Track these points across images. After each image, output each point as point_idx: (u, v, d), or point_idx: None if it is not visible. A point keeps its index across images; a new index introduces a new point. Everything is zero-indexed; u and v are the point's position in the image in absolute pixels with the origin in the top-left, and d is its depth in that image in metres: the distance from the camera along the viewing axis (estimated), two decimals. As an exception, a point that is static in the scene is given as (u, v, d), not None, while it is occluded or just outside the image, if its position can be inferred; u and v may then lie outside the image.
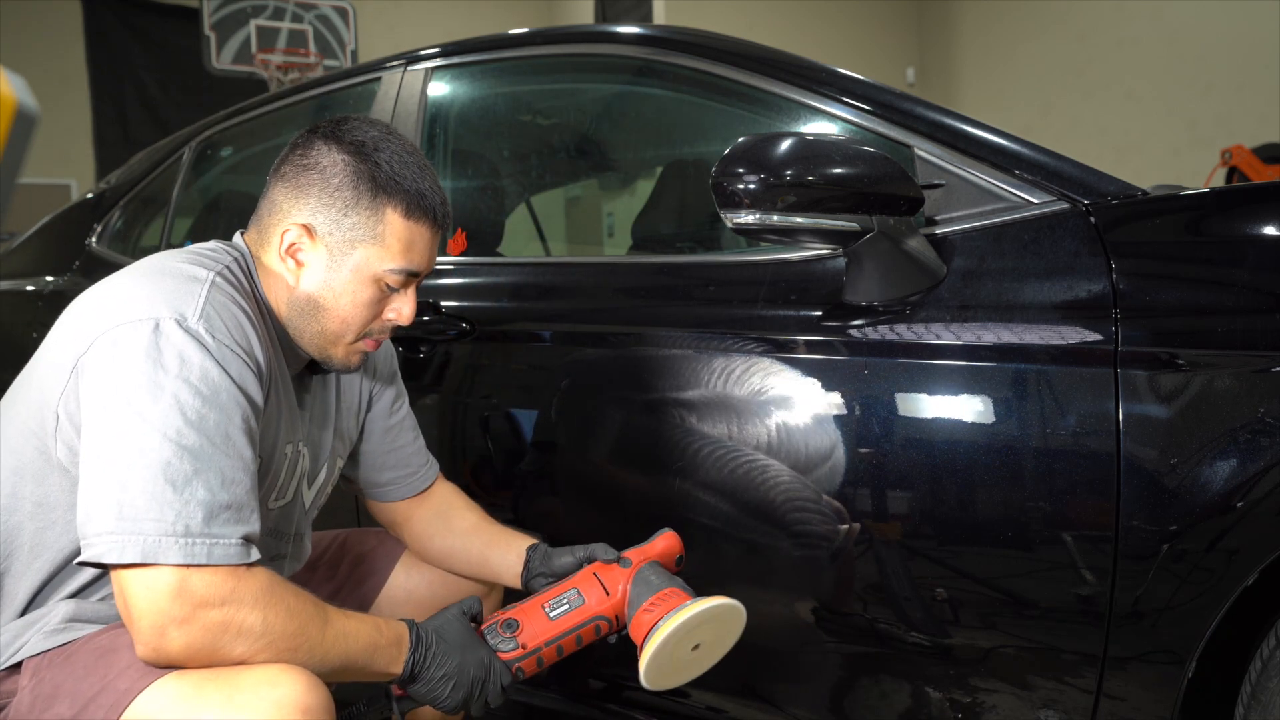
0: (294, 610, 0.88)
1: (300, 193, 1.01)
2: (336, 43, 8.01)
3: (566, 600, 1.06)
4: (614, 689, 1.43)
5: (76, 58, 8.12)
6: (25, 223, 2.71)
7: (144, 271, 0.95)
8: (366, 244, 1.01)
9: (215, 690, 0.83)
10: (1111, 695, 1.04)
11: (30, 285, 2.30)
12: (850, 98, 1.30)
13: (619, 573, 1.08)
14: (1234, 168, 5.73)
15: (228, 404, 0.88)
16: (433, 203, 1.03)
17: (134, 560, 0.81)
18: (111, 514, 0.82)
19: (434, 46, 1.77)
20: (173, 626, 0.82)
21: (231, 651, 0.85)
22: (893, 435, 1.13)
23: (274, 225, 1.03)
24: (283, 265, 1.02)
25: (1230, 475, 0.95)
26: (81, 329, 0.91)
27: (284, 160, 1.04)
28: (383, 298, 1.04)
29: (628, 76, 1.74)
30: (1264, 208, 1.04)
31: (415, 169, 1.02)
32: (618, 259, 1.61)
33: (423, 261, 1.04)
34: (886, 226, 1.12)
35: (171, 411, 0.85)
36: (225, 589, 0.84)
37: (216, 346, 0.89)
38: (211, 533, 0.84)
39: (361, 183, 1.00)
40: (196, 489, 0.84)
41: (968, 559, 1.10)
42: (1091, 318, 1.03)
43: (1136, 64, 7.49)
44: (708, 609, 0.99)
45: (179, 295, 0.90)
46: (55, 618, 0.93)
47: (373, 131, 1.02)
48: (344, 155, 1.00)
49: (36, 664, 0.91)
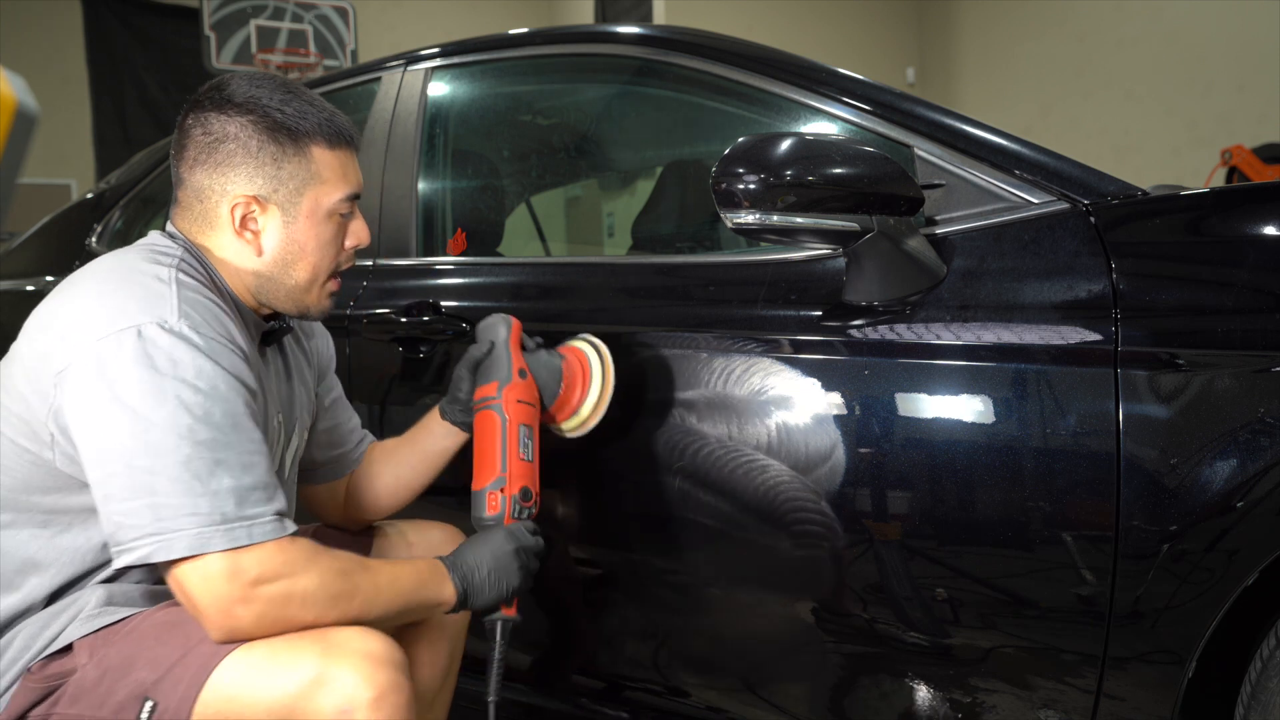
0: (343, 569, 0.95)
1: (224, 168, 1.02)
2: (336, 43, 8.01)
3: (524, 439, 1.18)
4: (614, 689, 1.43)
5: (76, 58, 8.12)
6: (25, 223, 2.71)
7: (106, 278, 0.96)
8: (310, 187, 1.04)
9: (308, 644, 0.89)
10: (1111, 695, 1.04)
11: (30, 285, 2.30)
12: (850, 98, 1.30)
13: (523, 384, 1.20)
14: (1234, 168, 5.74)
15: (227, 394, 0.92)
16: (342, 124, 1.07)
17: (182, 554, 0.86)
18: (148, 518, 0.86)
19: (434, 46, 1.77)
20: (237, 607, 0.88)
21: (301, 617, 0.91)
22: (893, 435, 1.13)
23: (214, 208, 1.04)
24: (240, 240, 1.04)
25: (1230, 475, 0.95)
26: (57, 344, 0.92)
27: (185, 145, 1.04)
28: (340, 230, 1.09)
29: (628, 76, 1.74)
30: (1264, 208, 1.04)
31: (310, 104, 1.05)
32: (618, 259, 1.61)
33: (358, 180, 1.10)
34: (886, 226, 1.12)
35: (179, 411, 0.88)
36: (276, 563, 0.89)
37: (203, 342, 0.92)
38: (246, 515, 0.89)
39: (279, 134, 1.02)
40: (221, 478, 0.88)
41: (968, 559, 1.10)
42: (1091, 318, 1.03)
43: (1136, 64, 7.49)
44: (604, 361, 1.21)
45: (152, 299, 0.93)
46: (92, 602, 0.96)
47: (254, 88, 1.04)
48: (246, 117, 1.02)
49: (91, 643, 0.94)
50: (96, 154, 8.19)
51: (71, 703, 0.92)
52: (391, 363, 1.55)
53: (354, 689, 0.88)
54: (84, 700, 0.91)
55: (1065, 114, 8.00)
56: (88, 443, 0.89)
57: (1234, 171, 5.75)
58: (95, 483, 0.89)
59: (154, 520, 0.86)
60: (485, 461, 1.18)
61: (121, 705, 0.90)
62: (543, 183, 2.53)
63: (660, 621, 1.36)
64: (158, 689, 0.89)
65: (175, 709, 0.88)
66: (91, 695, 0.91)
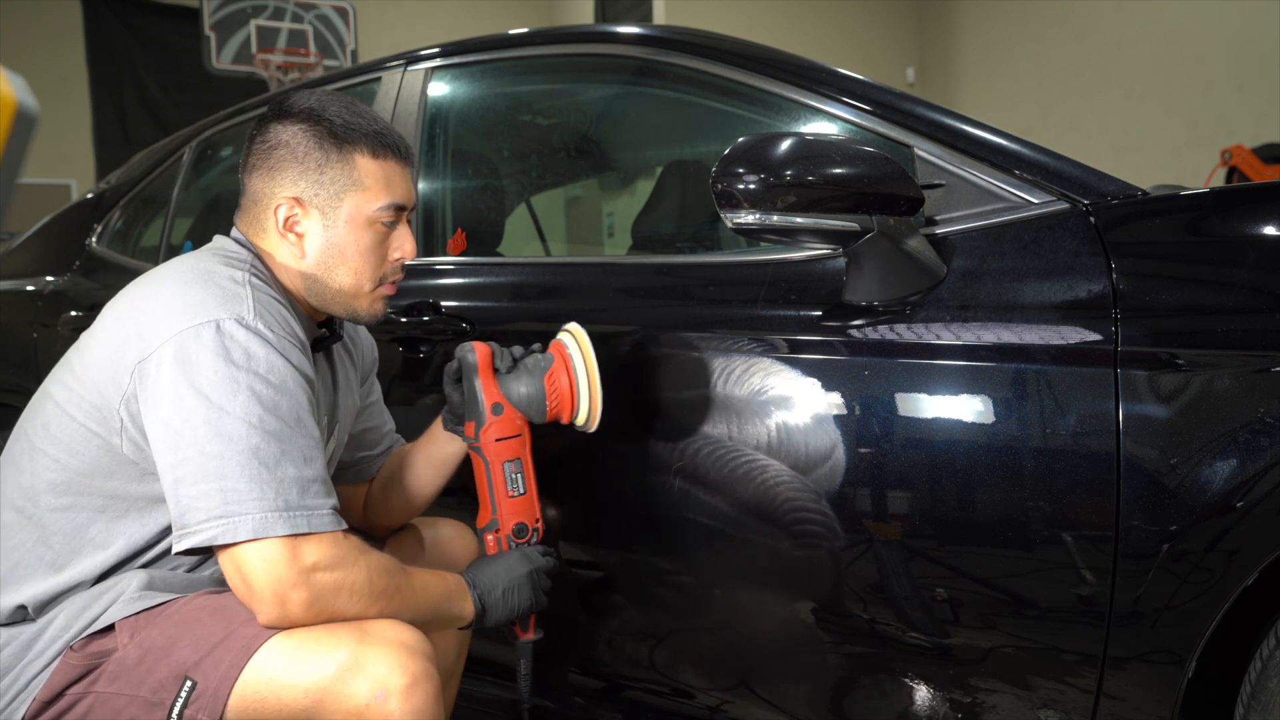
0: (388, 568, 1.00)
1: (275, 172, 1.09)
2: (336, 43, 8.01)
3: (510, 475, 1.20)
4: (613, 689, 1.43)
5: (76, 58, 8.12)
6: (25, 223, 2.71)
7: (184, 277, 1.01)
8: (350, 192, 1.08)
9: (345, 632, 0.93)
10: (1111, 695, 1.04)
11: (30, 285, 2.30)
12: (850, 98, 1.30)
13: (499, 420, 1.18)
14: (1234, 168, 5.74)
15: (294, 389, 0.97)
16: (392, 138, 1.11)
17: (246, 538, 0.90)
18: (216, 501, 0.91)
19: (434, 46, 1.77)
20: (292, 591, 0.92)
21: (346, 610, 0.95)
22: (893, 435, 1.13)
23: (264, 210, 1.10)
24: (284, 242, 1.09)
25: (1230, 475, 0.95)
26: (136, 335, 0.97)
27: (248, 155, 1.12)
28: (383, 240, 1.12)
29: (628, 76, 1.73)
30: (1264, 208, 1.04)
31: (362, 116, 1.10)
32: (618, 259, 1.61)
33: (404, 193, 1.12)
34: (886, 226, 1.12)
35: (251, 402, 0.93)
36: (332, 553, 0.94)
37: (276, 339, 0.98)
38: (307, 504, 0.94)
39: (325, 140, 1.08)
40: (286, 468, 0.93)
41: (968, 559, 1.10)
42: (1091, 318, 1.03)
43: (1136, 64, 7.50)
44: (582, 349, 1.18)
45: (229, 297, 0.98)
46: (133, 586, 1.00)
47: (313, 98, 1.10)
48: (298, 125, 1.09)
49: (133, 624, 0.97)
50: (96, 154, 8.19)
51: (110, 681, 0.95)
52: (392, 363, 1.55)
53: (388, 675, 0.91)
54: (123, 679, 0.94)
55: (1065, 114, 8.00)
56: (161, 428, 0.93)
57: (1234, 171, 5.75)
58: (167, 467, 0.93)
59: (222, 504, 0.91)
60: (480, 501, 1.21)
61: (161, 684, 0.93)
62: (543, 183, 2.53)
63: (660, 621, 1.36)
64: (198, 669, 0.92)
65: (215, 688, 0.91)
66: (131, 674, 0.94)
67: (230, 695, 0.91)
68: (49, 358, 2.12)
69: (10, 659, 0.97)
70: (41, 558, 1.00)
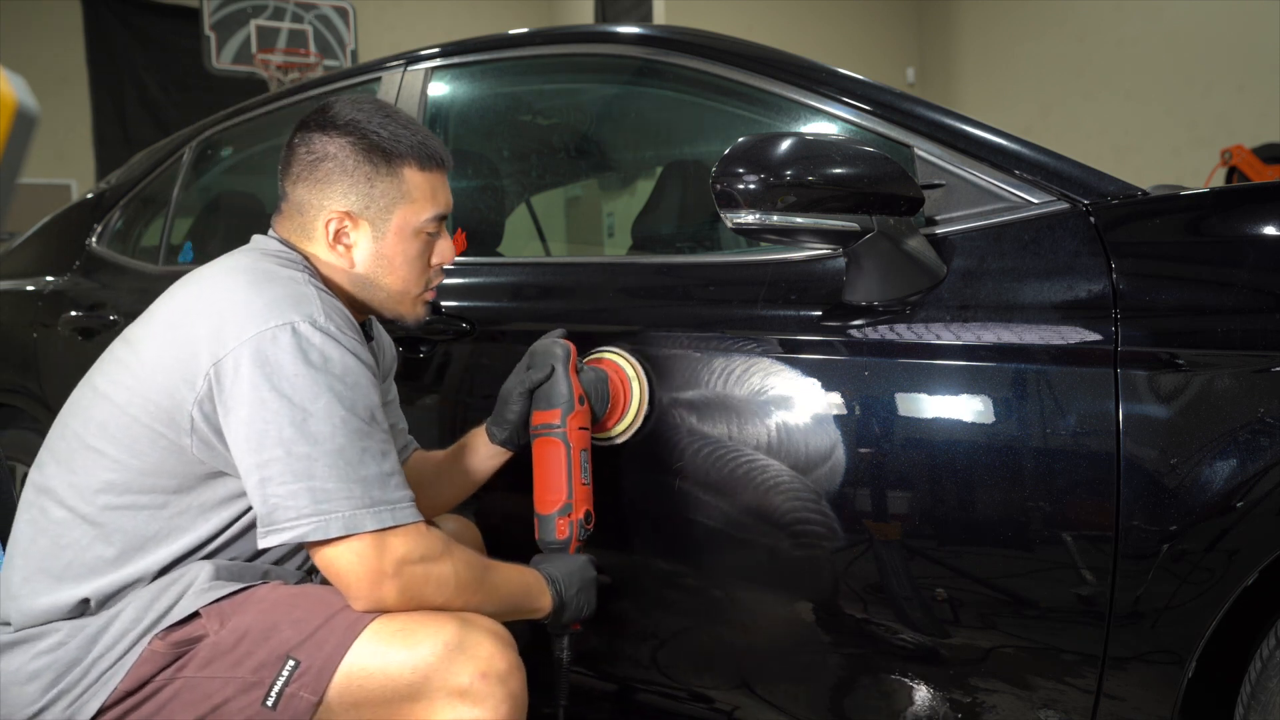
0: (471, 561, 1.04)
1: (323, 185, 1.11)
2: (336, 43, 8.01)
3: (584, 463, 1.24)
4: (612, 689, 1.42)
5: (76, 58, 8.12)
6: (25, 223, 2.71)
7: (248, 278, 1.03)
8: (400, 205, 1.12)
9: (447, 617, 0.98)
10: (1111, 695, 1.04)
11: (30, 285, 2.30)
12: (850, 98, 1.30)
13: (583, 411, 1.23)
14: (1234, 168, 5.74)
15: (367, 387, 1.01)
16: (436, 149, 1.15)
17: (339, 534, 0.94)
18: (306, 500, 0.94)
19: (434, 46, 1.77)
20: (385, 582, 0.96)
21: (434, 599, 0.99)
22: (893, 435, 1.13)
23: (312, 221, 1.13)
24: (334, 254, 1.13)
25: (1230, 475, 0.95)
26: (208, 336, 0.99)
27: (290, 162, 1.14)
28: (427, 247, 1.17)
29: (628, 76, 1.73)
30: (1264, 208, 1.04)
31: (406, 127, 1.13)
32: (618, 259, 1.61)
33: (447, 202, 1.18)
34: (886, 226, 1.12)
35: (333, 404, 0.96)
36: (419, 545, 0.98)
37: (347, 340, 1.01)
38: (390, 499, 0.98)
39: (374, 155, 1.11)
40: (369, 465, 0.97)
41: (968, 559, 1.10)
42: (1091, 318, 1.03)
43: (1136, 64, 7.49)
44: (637, 371, 1.28)
45: (297, 300, 1.01)
46: (202, 577, 1.02)
47: (355, 111, 1.13)
48: (346, 138, 1.11)
49: (219, 611, 1.00)
50: (96, 154, 8.19)
51: (202, 666, 0.98)
52: (391, 363, 1.55)
53: (491, 657, 0.96)
54: (218, 662, 0.97)
55: (1065, 114, 7.99)
56: (244, 429, 0.96)
57: (1234, 171, 5.75)
58: (252, 466, 0.96)
59: (312, 502, 0.94)
60: (550, 487, 1.23)
61: (262, 664, 0.96)
62: (543, 183, 2.53)
63: (659, 621, 1.36)
64: (301, 649, 0.96)
65: (320, 666, 0.95)
66: (227, 657, 0.97)
67: (335, 674, 0.94)
68: (49, 358, 2.12)
69: (77, 651, 0.99)
70: (101, 555, 1.01)
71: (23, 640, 1.00)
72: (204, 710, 0.97)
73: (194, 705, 0.97)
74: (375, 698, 0.95)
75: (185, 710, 0.97)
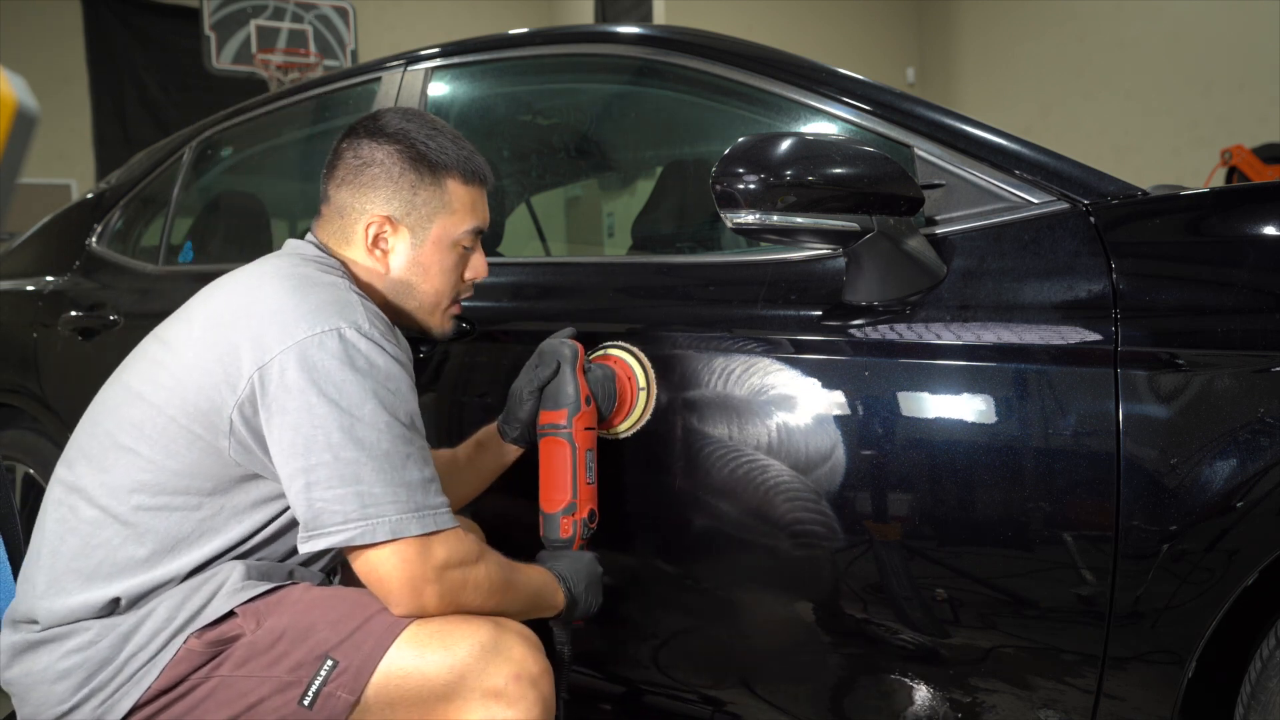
0: (503, 563, 1.06)
1: (367, 189, 1.13)
2: (336, 43, 8.01)
3: (589, 463, 1.25)
4: (611, 689, 1.42)
5: (76, 58, 8.12)
6: (25, 223, 2.71)
7: (291, 283, 1.03)
8: (440, 215, 1.15)
9: (481, 620, 1.00)
10: (1111, 695, 1.04)
11: (30, 285, 2.30)
12: (850, 98, 1.30)
13: (589, 411, 1.25)
14: (1234, 168, 5.74)
15: (408, 394, 1.03)
16: (479, 164, 1.18)
17: (385, 538, 0.95)
18: (354, 504, 0.95)
19: (434, 46, 1.77)
20: (427, 586, 0.97)
21: (470, 602, 1.01)
22: (893, 435, 1.13)
23: (353, 224, 1.14)
24: (371, 258, 1.14)
25: (1230, 475, 0.95)
26: (251, 339, 0.99)
27: (336, 166, 1.16)
28: (462, 260, 1.19)
29: (628, 76, 1.73)
30: (1264, 208, 1.04)
31: (453, 141, 1.16)
32: (618, 259, 1.61)
33: (485, 216, 1.20)
34: (886, 226, 1.12)
35: (379, 409, 0.98)
36: (459, 550, 1.00)
37: (390, 347, 1.02)
38: (431, 504, 0.99)
39: (420, 164, 1.13)
40: (411, 470, 0.98)
41: (968, 559, 1.10)
42: (1091, 318, 1.03)
43: (1136, 64, 7.49)
44: (646, 368, 1.29)
45: (342, 306, 1.02)
46: (234, 577, 1.02)
47: (405, 121, 1.15)
48: (394, 146, 1.13)
49: (255, 611, 1.00)
50: (96, 154, 8.19)
51: (239, 665, 0.98)
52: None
53: (523, 659, 0.98)
54: (254, 661, 0.98)
55: (1065, 114, 7.99)
56: (291, 434, 0.96)
57: (1234, 171, 5.75)
58: (297, 470, 0.96)
59: (360, 507, 0.95)
60: (555, 486, 1.24)
61: (299, 664, 0.97)
62: (543, 183, 2.53)
63: (659, 621, 1.36)
64: (339, 649, 0.97)
65: (359, 666, 0.96)
66: (264, 657, 0.98)
67: (374, 674, 0.95)
68: (49, 358, 2.12)
69: (109, 650, 0.99)
70: (133, 555, 1.01)
71: (51, 639, 1.00)
72: (239, 709, 0.97)
73: (229, 704, 0.97)
74: (411, 697, 0.96)
75: (219, 709, 0.97)
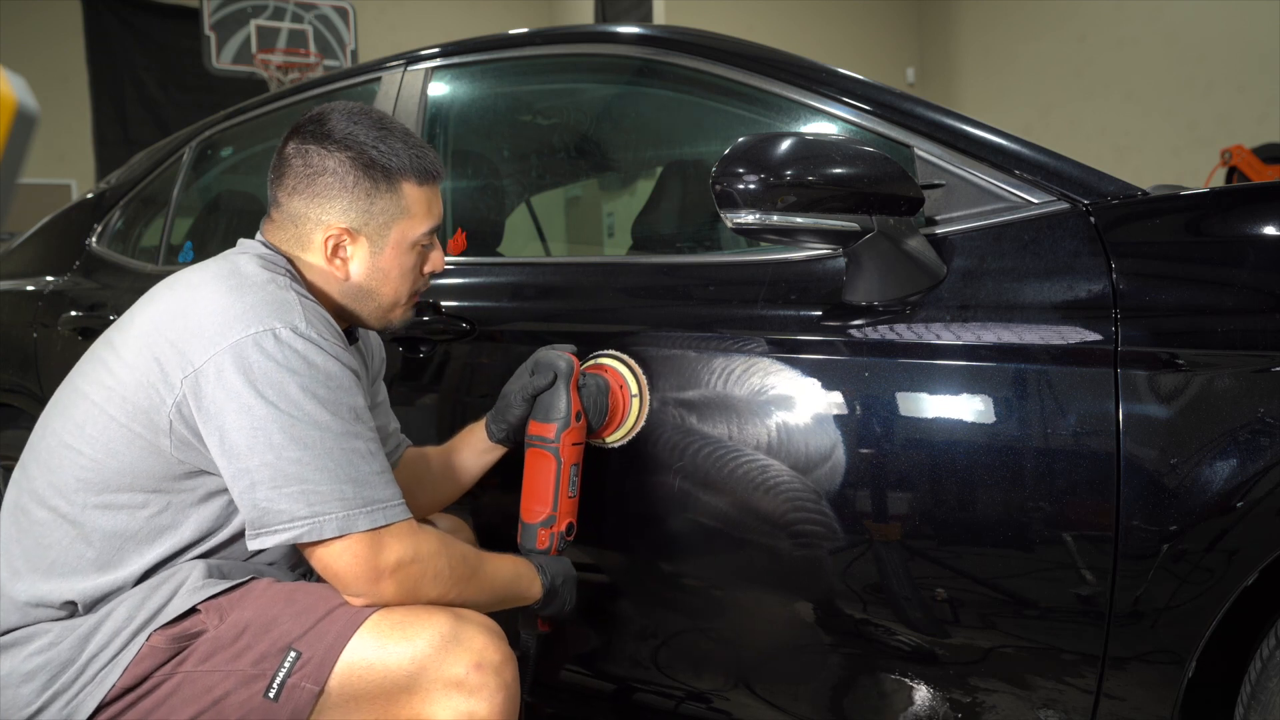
0: (465, 554, 1.06)
1: (321, 199, 1.11)
2: (336, 43, 8.01)
3: (573, 478, 1.26)
4: (611, 690, 1.42)
5: (76, 58, 8.12)
6: (25, 223, 2.71)
7: (228, 283, 1.03)
8: (398, 221, 1.13)
9: (441, 611, 1.01)
10: (1111, 695, 1.04)
11: (30, 285, 2.30)
12: (850, 98, 1.30)
13: (578, 427, 1.25)
14: (1234, 168, 5.73)
15: (352, 388, 1.02)
16: (430, 161, 1.15)
17: (333, 535, 0.96)
18: (300, 503, 0.95)
19: (434, 46, 1.77)
20: (382, 579, 0.98)
21: (430, 593, 1.02)
22: (893, 435, 1.13)
23: (309, 234, 1.12)
24: (329, 265, 1.13)
25: (1230, 475, 0.95)
26: (187, 339, 0.99)
27: (285, 172, 1.13)
28: (421, 258, 1.18)
29: (628, 76, 1.73)
30: (1264, 208, 1.04)
31: (402, 140, 1.13)
32: (618, 259, 1.61)
33: (440, 213, 1.18)
34: (886, 226, 1.12)
35: (318, 407, 0.97)
36: (413, 542, 1.00)
37: (329, 345, 1.01)
38: (379, 497, 0.99)
39: (373, 171, 1.11)
40: (358, 465, 0.98)
41: (968, 559, 1.10)
42: (1091, 318, 1.03)
43: (1136, 64, 7.49)
44: (639, 379, 1.29)
45: (278, 305, 1.01)
46: (196, 575, 1.03)
47: (352, 124, 1.12)
48: (344, 154, 1.10)
49: (218, 606, 1.01)
50: (96, 154, 8.19)
51: (203, 660, 0.98)
52: (392, 363, 1.55)
53: (484, 649, 0.99)
54: (219, 656, 0.98)
55: (1065, 114, 7.99)
56: (231, 434, 0.96)
57: (1234, 171, 5.74)
58: (239, 471, 0.96)
59: (306, 505, 0.95)
60: (536, 497, 1.25)
61: (263, 656, 0.97)
62: (543, 183, 2.53)
63: (658, 621, 1.36)
64: (302, 641, 0.97)
65: (321, 657, 0.96)
66: (228, 651, 0.98)
67: (336, 664, 0.96)
68: (49, 358, 2.12)
69: (70, 650, 0.99)
70: (82, 555, 1.01)
71: (14, 642, 1.00)
72: (204, 704, 0.97)
73: (194, 699, 0.97)
74: (374, 689, 0.96)
75: (185, 705, 0.97)
